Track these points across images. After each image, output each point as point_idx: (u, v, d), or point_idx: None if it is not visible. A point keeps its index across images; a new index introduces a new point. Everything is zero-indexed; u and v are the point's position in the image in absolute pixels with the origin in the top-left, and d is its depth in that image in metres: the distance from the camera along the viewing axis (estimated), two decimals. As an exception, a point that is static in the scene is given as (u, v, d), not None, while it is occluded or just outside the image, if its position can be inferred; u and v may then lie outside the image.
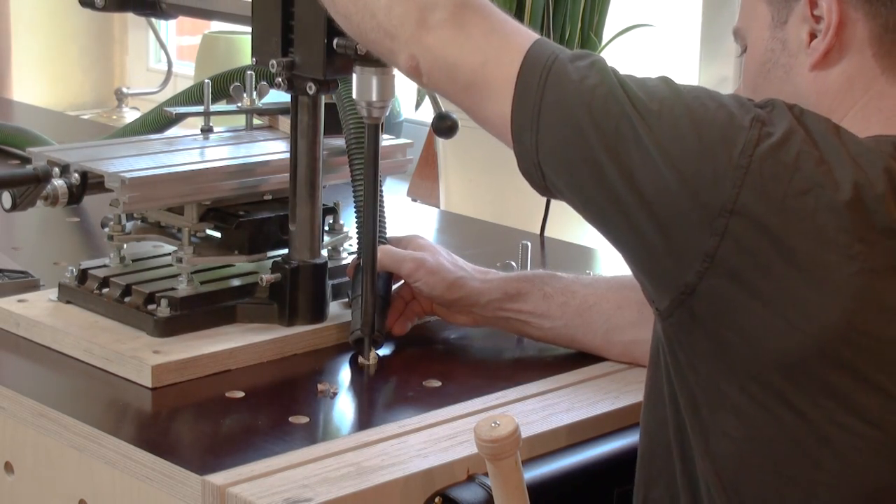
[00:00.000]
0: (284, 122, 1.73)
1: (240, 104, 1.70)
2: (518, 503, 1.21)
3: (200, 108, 1.70)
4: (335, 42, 1.48)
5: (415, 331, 1.62)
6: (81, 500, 1.37)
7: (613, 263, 2.08)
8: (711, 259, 1.13)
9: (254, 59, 1.57)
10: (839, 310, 1.11)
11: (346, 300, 1.63)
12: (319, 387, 1.45)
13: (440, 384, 1.49)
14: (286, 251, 1.59)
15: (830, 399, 1.12)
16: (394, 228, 1.68)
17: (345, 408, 1.46)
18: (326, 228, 1.66)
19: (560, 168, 1.20)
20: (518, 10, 3.35)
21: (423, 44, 1.26)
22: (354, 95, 1.49)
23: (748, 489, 1.17)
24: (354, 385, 1.52)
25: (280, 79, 1.53)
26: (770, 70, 1.25)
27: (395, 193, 3.96)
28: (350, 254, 1.69)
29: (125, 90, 4.74)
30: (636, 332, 1.50)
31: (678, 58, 3.88)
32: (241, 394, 1.44)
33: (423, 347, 1.61)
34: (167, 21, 4.61)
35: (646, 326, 1.35)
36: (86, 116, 4.41)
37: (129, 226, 1.62)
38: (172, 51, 4.88)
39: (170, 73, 4.70)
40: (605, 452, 1.38)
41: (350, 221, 1.66)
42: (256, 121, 1.78)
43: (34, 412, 1.40)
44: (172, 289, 1.55)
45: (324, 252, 1.61)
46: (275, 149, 1.68)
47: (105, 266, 1.62)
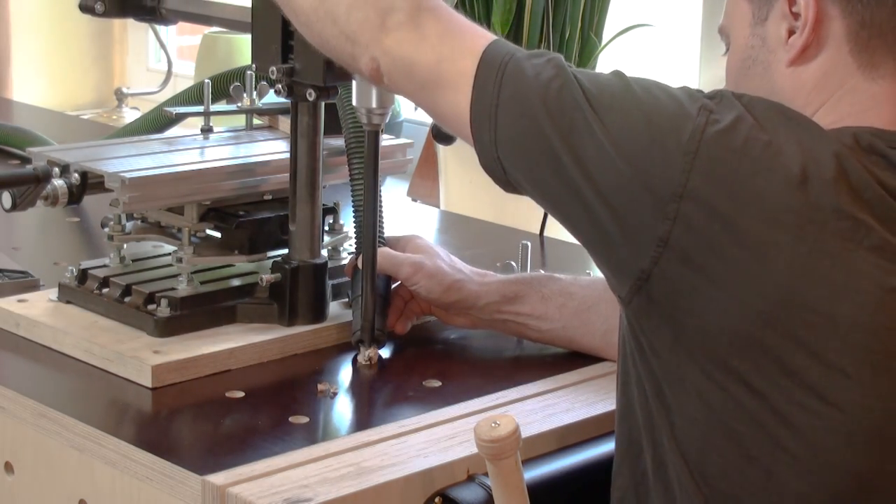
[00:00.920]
0: (284, 122, 1.73)
1: (240, 104, 1.70)
2: (518, 503, 1.22)
3: (200, 108, 1.70)
4: None
5: (415, 331, 1.62)
6: (81, 500, 1.37)
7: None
8: (665, 244, 1.16)
9: (254, 66, 1.57)
10: (790, 287, 1.13)
11: (346, 300, 1.63)
12: (319, 387, 1.46)
13: (440, 384, 1.49)
14: (286, 251, 1.59)
15: (788, 378, 1.14)
16: (394, 228, 1.68)
17: (345, 408, 1.46)
18: (326, 228, 1.66)
19: (519, 161, 1.24)
20: (518, 10, 3.35)
21: (383, 46, 1.30)
22: (354, 102, 1.49)
23: (712, 469, 1.18)
24: (354, 385, 1.52)
25: (280, 85, 1.54)
26: (750, 67, 1.28)
27: (395, 193, 3.96)
28: (350, 254, 1.69)
29: (125, 90, 4.74)
30: None
31: (678, 58, 3.88)
32: (241, 394, 1.44)
33: (423, 347, 1.61)
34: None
35: None
36: (86, 116, 4.41)
37: (129, 226, 1.62)
38: (172, 51, 4.87)
39: (170, 73, 4.70)
40: (605, 452, 1.38)
41: (350, 221, 1.66)
42: (256, 121, 1.78)
43: (34, 412, 1.40)
44: (172, 289, 1.55)
45: (324, 252, 1.61)
46: (275, 149, 1.68)
47: (105, 266, 1.62)
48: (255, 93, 1.70)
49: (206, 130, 1.71)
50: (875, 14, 1.21)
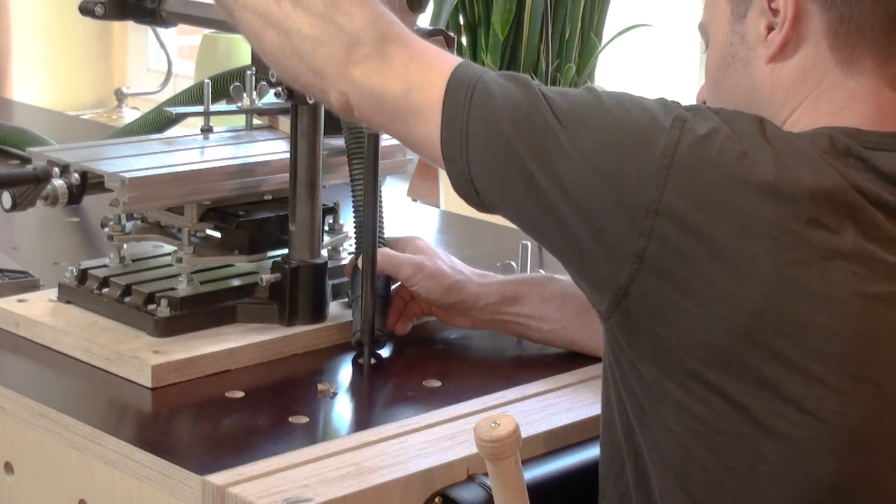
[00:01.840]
0: (284, 122, 1.73)
1: (240, 104, 1.70)
2: (518, 503, 1.22)
3: (200, 108, 1.69)
4: None
5: (415, 331, 1.62)
6: (81, 500, 1.37)
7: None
8: (641, 260, 1.15)
9: (252, 70, 1.57)
10: (767, 299, 1.12)
11: (346, 300, 1.63)
12: (319, 387, 1.46)
13: (440, 384, 1.49)
14: (286, 251, 1.59)
15: (767, 389, 1.13)
16: (394, 228, 1.68)
17: (345, 408, 1.46)
18: (326, 228, 1.66)
19: (492, 182, 1.23)
20: (518, 10, 3.35)
21: (350, 79, 1.28)
22: None
23: (693, 481, 1.18)
24: (354, 385, 1.52)
25: (280, 88, 1.54)
26: (729, 64, 1.28)
27: (395, 193, 3.96)
28: (350, 254, 1.69)
29: (125, 90, 4.74)
30: None
31: (678, 58, 3.88)
32: (241, 394, 1.44)
33: (423, 347, 1.61)
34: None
35: None
36: (86, 116, 4.41)
37: (129, 226, 1.62)
38: (172, 51, 4.87)
39: (170, 73, 4.70)
40: (605, 452, 1.38)
41: (350, 221, 1.66)
42: (256, 121, 1.78)
43: (34, 412, 1.40)
44: (172, 289, 1.55)
45: (324, 252, 1.61)
46: (275, 149, 1.68)
47: (105, 266, 1.62)
48: (255, 93, 1.70)
49: (206, 130, 1.71)
50: (854, 9, 1.21)
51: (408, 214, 2.32)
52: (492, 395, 1.45)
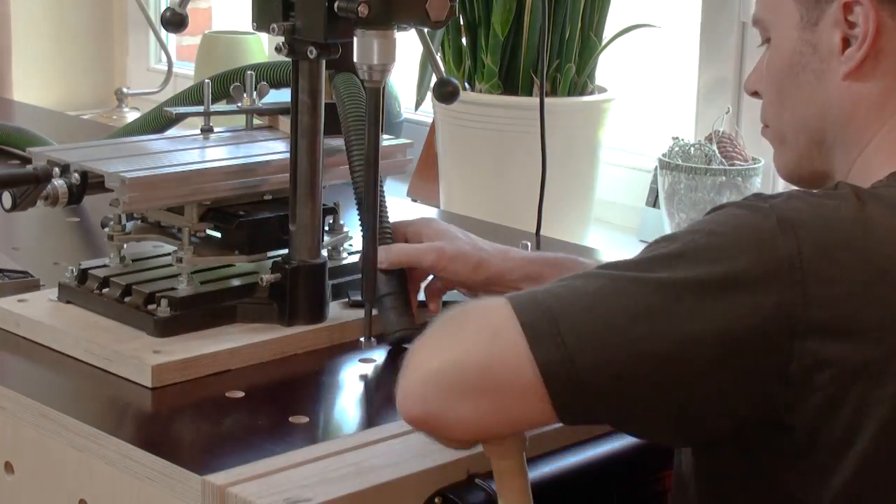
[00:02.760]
0: (284, 122, 1.73)
1: (240, 104, 1.70)
2: None
3: (200, 108, 1.69)
4: (336, 5, 1.46)
5: (414, 331, 1.62)
6: (81, 500, 1.37)
7: (613, 263, 2.08)
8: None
9: (253, 25, 1.55)
10: None
11: (347, 300, 1.63)
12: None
13: (440, 384, 1.49)
14: (286, 251, 1.59)
15: None
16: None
17: (345, 408, 1.46)
18: (326, 228, 1.66)
19: (612, 396, 1.11)
20: (518, 10, 3.35)
21: (457, 414, 1.14)
22: (356, 59, 1.48)
23: None
24: (354, 385, 1.52)
25: (280, 43, 1.53)
26: (798, 73, 1.20)
27: (395, 193, 3.96)
28: (350, 254, 1.69)
29: (125, 90, 4.73)
30: None
31: (678, 58, 3.88)
32: (241, 394, 1.44)
33: (424, 347, 1.60)
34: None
35: None
36: (86, 116, 4.40)
37: (129, 226, 1.62)
38: (172, 51, 4.86)
39: (170, 73, 4.69)
40: (606, 452, 1.38)
41: (350, 221, 1.66)
42: (256, 121, 1.78)
43: (34, 412, 1.40)
44: (172, 289, 1.55)
45: (324, 252, 1.61)
46: (275, 149, 1.68)
47: (105, 266, 1.62)
48: (255, 93, 1.70)
49: (206, 130, 1.71)
50: None
51: (408, 214, 2.32)
52: (492, 395, 1.45)
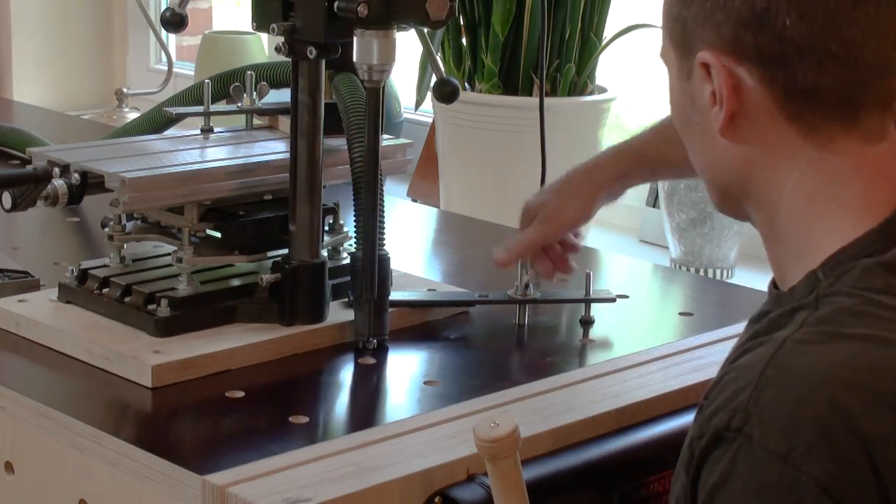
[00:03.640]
0: (284, 122, 1.73)
1: (240, 104, 1.70)
2: (518, 503, 1.22)
3: (200, 108, 1.70)
4: (336, 5, 1.47)
5: (415, 331, 1.62)
6: (81, 500, 1.37)
7: (613, 262, 2.09)
8: None
9: (253, 25, 1.55)
10: None
11: (346, 300, 1.63)
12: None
13: (440, 384, 1.49)
14: (286, 251, 1.59)
15: None
16: (394, 228, 1.68)
17: (345, 407, 1.47)
18: (326, 228, 1.66)
19: None
20: (518, 10, 3.35)
21: None
22: (355, 59, 1.48)
23: None
24: (354, 385, 1.52)
25: (280, 43, 1.53)
26: (687, 125, 1.12)
27: (395, 193, 3.96)
28: (350, 253, 1.69)
29: (125, 90, 4.73)
30: None
31: (678, 58, 3.88)
32: (241, 394, 1.45)
33: (424, 347, 1.61)
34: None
35: None
36: (86, 116, 4.40)
37: (129, 226, 1.62)
38: (172, 51, 4.87)
39: (170, 73, 4.70)
40: (606, 452, 1.38)
41: (350, 222, 1.66)
42: (256, 121, 1.78)
43: (35, 412, 1.40)
44: (172, 289, 1.55)
45: (324, 252, 1.61)
46: (275, 149, 1.68)
47: (105, 266, 1.62)
48: (255, 93, 1.70)
49: (206, 130, 1.71)
50: (799, 75, 1.03)
51: (408, 214, 2.32)
52: (492, 395, 1.45)
